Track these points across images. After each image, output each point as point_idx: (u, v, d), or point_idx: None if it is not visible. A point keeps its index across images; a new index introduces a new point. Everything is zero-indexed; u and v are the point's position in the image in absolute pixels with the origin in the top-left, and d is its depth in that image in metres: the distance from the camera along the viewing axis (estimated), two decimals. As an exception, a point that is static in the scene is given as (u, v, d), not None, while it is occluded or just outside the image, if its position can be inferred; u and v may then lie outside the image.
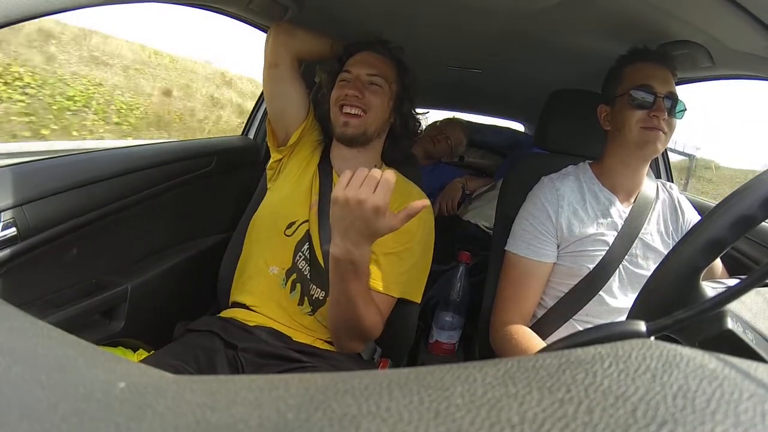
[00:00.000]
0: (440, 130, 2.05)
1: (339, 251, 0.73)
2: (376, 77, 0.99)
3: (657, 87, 0.90)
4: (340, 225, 0.71)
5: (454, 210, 1.79)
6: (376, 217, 0.68)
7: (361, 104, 0.96)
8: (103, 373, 0.20)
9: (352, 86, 0.97)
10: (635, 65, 0.94)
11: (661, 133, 0.89)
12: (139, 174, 1.04)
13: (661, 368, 0.18)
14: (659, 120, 0.89)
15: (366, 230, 0.70)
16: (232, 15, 1.12)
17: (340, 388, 0.18)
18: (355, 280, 0.76)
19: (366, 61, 1.01)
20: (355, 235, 0.71)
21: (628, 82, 0.93)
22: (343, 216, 0.69)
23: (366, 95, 0.97)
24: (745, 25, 0.75)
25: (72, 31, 6.73)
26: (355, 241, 0.71)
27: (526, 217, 0.97)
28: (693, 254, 0.42)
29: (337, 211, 0.70)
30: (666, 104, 0.89)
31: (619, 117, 0.93)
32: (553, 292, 0.97)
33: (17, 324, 0.24)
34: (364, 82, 0.98)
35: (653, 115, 0.89)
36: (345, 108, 0.96)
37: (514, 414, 0.15)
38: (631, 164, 0.95)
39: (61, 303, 0.89)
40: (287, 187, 1.02)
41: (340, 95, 0.98)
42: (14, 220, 0.77)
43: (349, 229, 0.70)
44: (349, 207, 0.68)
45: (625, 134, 0.92)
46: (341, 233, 0.71)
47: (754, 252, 1.05)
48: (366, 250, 0.73)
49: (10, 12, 0.48)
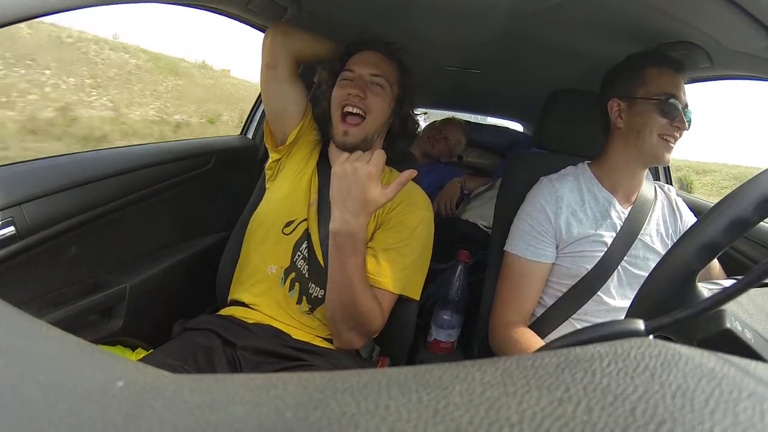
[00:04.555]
0: (439, 130, 2.05)
1: (338, 223, 0.77)
2: (379, 77, 0.98)
3: (681, 97, 0.90)
4: (338, 196, 0.77)
5: (452, 210, 1.79)
6: (369, 182, 0.75)
7: (362, 105, 0.95)
8: (102, 373, 0.20)
9: (354, 85, 0.96)
10: (659, 69, 0.92)
11: (672, 144, 0.91)
12: (137, 173, 1.04)
13: (660, 367, 0.18)
14: (679, 131, 0.90)
15: (362, 197, 0.75)
16: (231, 15, 1.12)
17: (338, 387, 0.18)
18: (353, 256, 0.79)
19: (369, 61, 0.99)
20: (353, 204, 0.76)
21: (654, 86, 0.91)
22: (341, 186, 0.76)
23: (368, 96, 0.96)
24: (743, 26, 0.75)
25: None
26: (352, 211, 0.76)
27: (524, 218, 0.97)
28: (688, 257, 0.42)
29: (335, 183, 0.77)
30: (686, 115, 0.90)
31: (638, 119, 0.92)
32: (552, 292, 0.97)
33: (15, 323, 0.24)
34: (366, 82, 0.97)
35: (675, 125, 0.89)
36: (346, 107, 0.95)
37: (513, 413, 0.15)
38: (635, 167, 0.96)
39: (60, 302, 0.88)
40: (286, 186, 1.02)
41: (342, 95, 0.96)
42: (12, 219, 0.77)
43: (347, 198, 0.76)
44: (345, 176, 0.76)
45: (643, 138, 0.91)
46: (340, 205, 0.77)
47: (753, 252, 1.06)
48: (363, 221, 0.77)
49: (10, 12, 0.48)
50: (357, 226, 0.76)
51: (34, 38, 6.19)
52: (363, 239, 0.79)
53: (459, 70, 1.54)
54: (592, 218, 0.94)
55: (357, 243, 0.78)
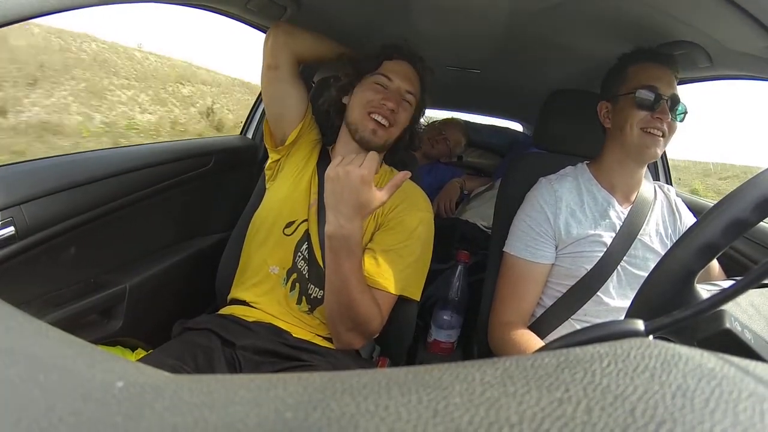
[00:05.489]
0: (439, 131, 2.05)
1: (332, 227, 0.77)
2: (410, 95, 1.00)
3: (662, 88, 0.89)
4: (332, 200, 0.77)
5: (452, 210, 1.79)
6: (362, 186, 0.74)
7: (392, 117, 0.96)
8: (101, 373, 0.20)
9: (391, 98, 0.96)
10: (641, 65, 0.93)
11: (660, 138, 0.89)
12: (137, 173, 1.04)
13: (659, 367, 0.18)
14: (662, 122, 0.88)
15: (355, 201, 0.75)
16: (231, 15, 1.12)
17: (338, 388, 0.18)
18: (348, 259, 0.78)
19: (406, 75, 1.00)
20: (346, 208, 0.75)
21: (633, 81, 0.92)
22: (334, 190, 0.76)
23: (399, 110, 0.97)
24: (743, 26, 0.75)
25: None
26: (346, 214, 0.76)
27: (524, 219, 0.97)
28: (687, 259, 0.42)
29: (329, 187, 0.77)
30: (669, 106, 0.89)
31: (620, 116, 0.93)
32: (552, 292, 0.97)
33: (15, 323, 0.24)
34: (401, 97, 0.98)
35: (656, 117, 0.89)
36: (375, 115, 0.95)
37: (512, 413, 0.15)
38: (628, 165, 0.95)
39: (59, 302, 0.88)
40: (286, 187, 1.02)
41: (375, 100, 0.96)
42: (12, 219, 0.77)
43: (340, 202, 0.76)
44: (339, 180, 0.75)
45: (626, 134, 0.92)
46: (334, 209, 0.76)
47: (754, 252, 1.06)
48: (357, 224, 0.77)
49: (10, 12, 0.48)
50: (351, 229, 0.76)
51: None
52: (358, 242, 0.79)
53: (459, 69, 1.54)
54: (591, 218, 0.94)
55: (352, 246, 0.78)
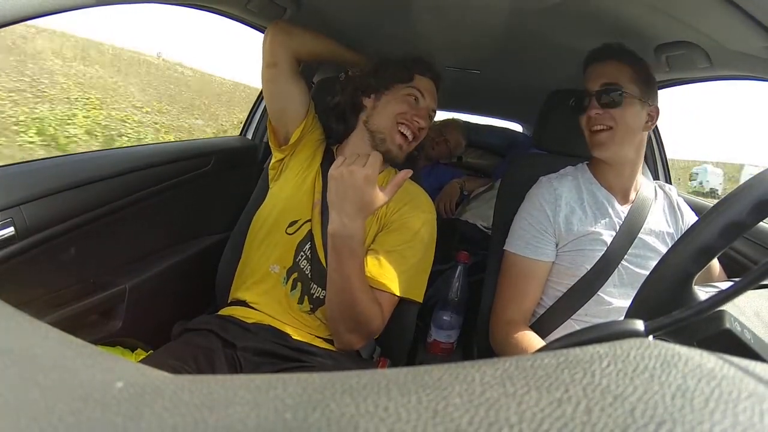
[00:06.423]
0: (439, 132, 2.05)
1: (335, 226, 0.77)
2: (434, 112, 1.05)
3: (589, 85, 0.94)
4: (335, 199, 0.77)
5: (452, 211, 1.79)
6: (366, 186, 0.75)
7: (419, 135, 1.00)
8: (101, 373, 0.20)
9: (423, 115, 1.00)
10: (585, 69, 0.98)
11: (605, 131, 0.92)
12: (137, 174, 1.04)
13: (659, 368, 0.18)
14: (601, 116, 0.92)
15: (359, 200, 0.76)
16: (230, 15, 1.12)
17: (338, 388, 0.18)
18: (350, 258, 0.79)
19: (433, 94, 1.04)
20: (350, 207, 0.76)
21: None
22: (338, 189, 0.76)
23: (425, 128, 1.01)
24: (742, 26, 0.75)
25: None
26: (349, 213, 0.76)
27: (524, 217, 0.98)
28: (684, 261, 0.43)
29: (332, 186, 0.77)
30: (602, 98, 0.91)
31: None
32: (552, 292, 0.97)
33: (15, 324, 0.24)
34: (428, 115, 1.02)
35: (590, 115, 0.93)
36: (403, 128, 0.98)
37: (512, 413, 0.15)
38: (611, 164, 0.97)
39: (59, 303, 0.88)
40: (289, 186, 1.02)
41: (408, 114, 0.98)
42: (12, 220, 0.77)
43: (343, 201, 0.76)
44: (342, 179, 0.76)
45: (587, 139, 0.97)
46: (337, 208, 0.77)
47: (754, 253, 1.05)
48: (360, 223, 0.77)
49: (9, 12, 0.48)
50: (354, 228, 0.77)
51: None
52: (361, 242, 0.79)
53: (458, 70, 1.54)
54: (591, 216, 0.94)
55: (355, 245, 0.78)
